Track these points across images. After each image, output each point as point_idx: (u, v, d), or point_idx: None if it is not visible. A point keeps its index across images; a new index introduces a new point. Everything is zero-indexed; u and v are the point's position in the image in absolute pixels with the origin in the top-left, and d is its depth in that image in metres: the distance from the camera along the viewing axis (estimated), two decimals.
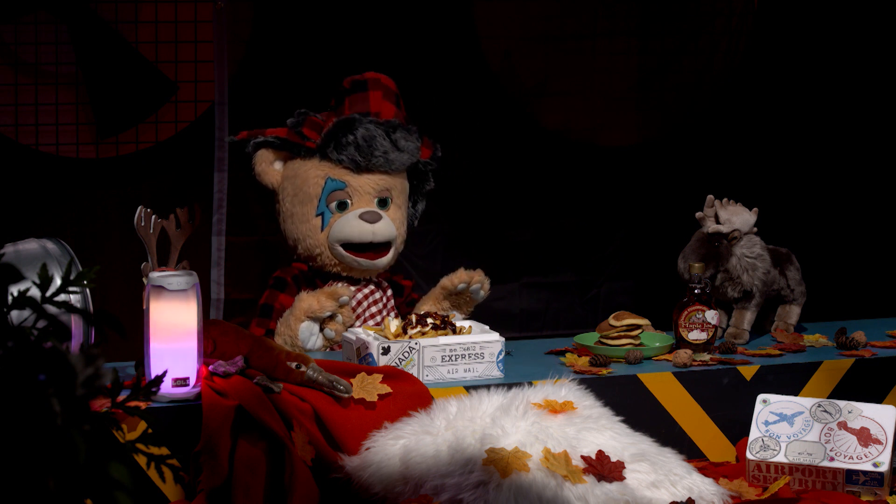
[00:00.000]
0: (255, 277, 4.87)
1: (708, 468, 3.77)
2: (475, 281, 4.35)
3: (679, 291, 4.13)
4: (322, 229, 4.33)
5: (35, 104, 4.77)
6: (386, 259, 4.36)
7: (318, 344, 4.20)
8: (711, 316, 4.07)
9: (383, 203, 4.36)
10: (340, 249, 4.32)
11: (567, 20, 5.32)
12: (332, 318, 4.21)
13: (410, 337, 3.84)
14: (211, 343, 3.66)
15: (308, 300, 4.16)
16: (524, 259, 5.36)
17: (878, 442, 3.67)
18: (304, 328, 4.16)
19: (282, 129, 4.36)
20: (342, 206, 4.33)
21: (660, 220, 5.37)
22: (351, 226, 4.31)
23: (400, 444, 3.47)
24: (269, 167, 4.38)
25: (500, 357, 3.85)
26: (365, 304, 4.38)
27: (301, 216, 4.35)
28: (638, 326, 4.10)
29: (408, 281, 4.53)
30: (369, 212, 4.31)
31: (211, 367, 3.60)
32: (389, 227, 4.34)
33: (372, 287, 4.40)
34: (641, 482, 3.42)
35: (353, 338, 3.87)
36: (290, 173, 4.36)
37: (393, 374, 3.67)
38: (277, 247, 4.94)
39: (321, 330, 4.19)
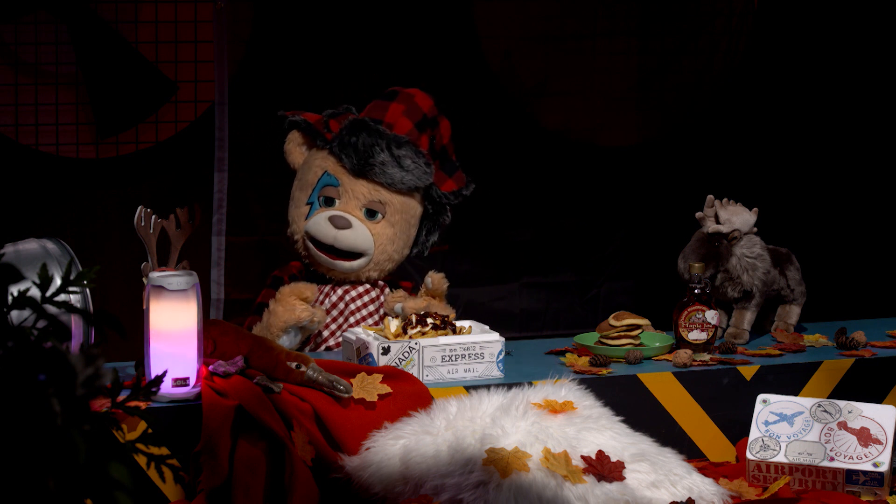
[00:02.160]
0: (255, 277, 4.87)
1: (708, 468, 3.77)
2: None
3: (679, 291, 4.13)
4: (306, 219, 4.35)
5: (35, 104, 4.77)
6: (350, 264, 4.33)
7: (297, 341, 4.22)
8: (711, 316, 4.07)
9: (371, 214, 4.35)
10: (309, 242, 4.33)
11: (567, 20, 5.32)
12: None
13: (410, 337, 3.84)
14: (211, 343, 3.66)
15: (283, 314, 4.18)
16: (524, 259, 5.36)
17: (878, 442, 3.67)
18: (282, 341, 4.18)
19: (316, 115, 4.40)
20: (329, 202, 4.35)
21: (660, 220, 5.37)
22: (318, 224, 4.32)
23: (400, 444, 3.48)
24: (296, 148, 4.42)
25: (500, 357, 3.85)
26: (359, 302, 4.38)
27: (297, 201, 4.39)
28: (638, 326, 4.10)
29: (407, 282, 4.53)
30: (340, 217, 4.31)
31: (211, 367, 3.61)
32: (357, 237, 4.32)
33: (367, 286, 4.40)
34: (641, 482, 3.43)
35: (353, 338, 3.87)
36: (306, 159, 4.41)
37: (393, 374, 3.67)
38: (277, 247, 4.94)
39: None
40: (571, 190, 5.38)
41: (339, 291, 4.37)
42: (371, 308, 4.39)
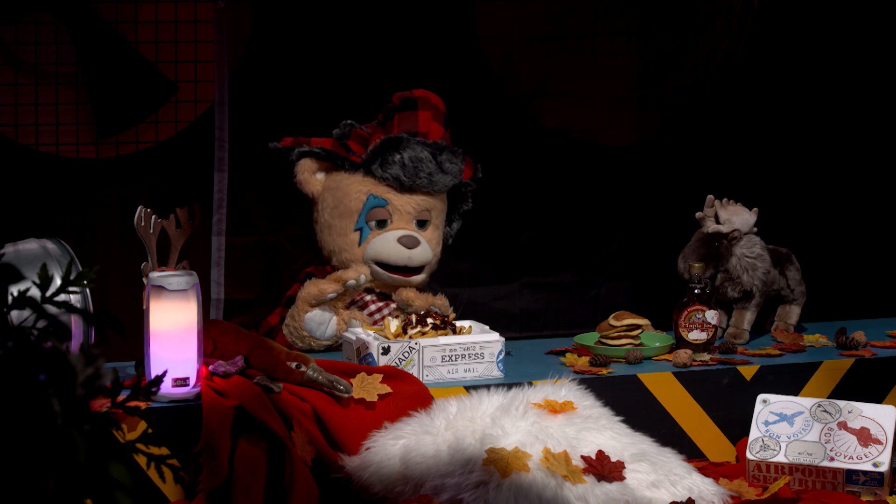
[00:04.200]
0: (255, 277, 4.87)
1: (708, 468, 3.77)
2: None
3: (679, 291, 4.13)
4: (359, 244, 4.32)
5: (35, 104, 4.77)
6: (419, 278, 4.35)
7: (331, 331, 4.16)
8: (711, 316, 4.07)
9: (422, 224, 4.35)
10: (375, 266, 4.30)
11: (567, 20, 5.32)
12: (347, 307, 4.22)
13: (410, 337, 3.84)
14: (211, 343, 3.66)
15: (309, 287, 4.14)
16: (524, 259, 5.36)
17: (878, 442, 3.67)
18: (309, 318, 4.14)
19: (326, 139, 4.35)
20: (381, 224, 4.32)
21: (660, 220, 5.37)
22: (389, 248, 4.29)
23: (400, 444, 3.48)
24: (312, 177, 4.36)
25: (500, 357, 3.85)
26: (386, 311, 4.36)
27: (339, 229, 4.33)
28: (638, 326, 4.10)
29: None
30: (408, 236, 4.29)
31: (211, 367, 3.61)
32: (426, 252, 4.33)
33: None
34: (641, 482, 3.43)
35: (353, 338, 3.87)
36: (331, 185, 4.35)
37: (393, 374, 3.67)
38: (278, 247, 4.94)
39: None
40: (571, 190, 5.38)
41: (380, 303, 4.35)
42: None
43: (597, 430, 3.51)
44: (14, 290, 2.02)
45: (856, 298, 5.37)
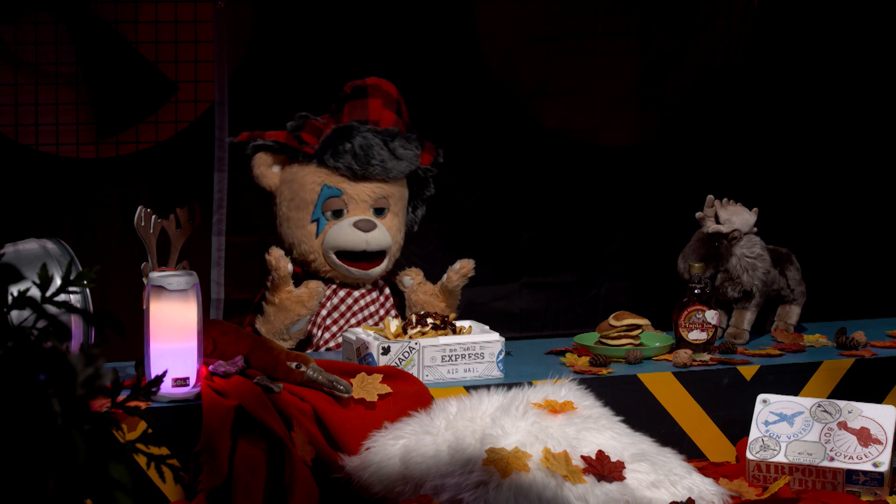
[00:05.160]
0: (255, 277, 4.87)
1: (708, 468, 3.77)
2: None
3: (679, 291, 4.13)
4: (317, 236, 4.33)
5: (35, 104, 4.77)
6: (380, 268, 4.36)
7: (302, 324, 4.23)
8: (711, 316, 4.07)
9: (379, 212, 4.35)
10: (334, 257, 4.32)
11: (567, 20, 5.32)
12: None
13: (410, 337, 3.84)
14: (211, 343, 3.66)
15: (278, 321, 4.21)
16: (524, 259, 5.36)
17: (878, 442, 3.67)
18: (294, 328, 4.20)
19: (281, 132, 4.36)
20: (337, 214, 4.33)
21: (660, 220, 5.37)
22: (345, 234, 4.30)
23: (400, 444, 3.48)
24: (268, 170, 4.38)
25: (500, 357, 3.85)
26: (362, 302, 4.38)
27: (296, 221, 4.35)
28: (638, 326, 4.10)
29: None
30: (363, 220, 4.31)
31: (211, 367, 3.61)
32: (384, 236, 4.33)
33: (369, 286, 4.40)
34: (641, 482, 3.43)
35: (353, 338, 3.87)
36: (287, 177, 4.37)
37: (393, 374, 3.67)
38: (277, 247, 4.94)
39: None
40: (571, 190, 5.38)
41: (342, 293, 4.37)
42: (372, 309, 4.39)
43: (597, 430, 3.51)
44: (14, 290, 2.02)
45: (856, 298, 5.37)
